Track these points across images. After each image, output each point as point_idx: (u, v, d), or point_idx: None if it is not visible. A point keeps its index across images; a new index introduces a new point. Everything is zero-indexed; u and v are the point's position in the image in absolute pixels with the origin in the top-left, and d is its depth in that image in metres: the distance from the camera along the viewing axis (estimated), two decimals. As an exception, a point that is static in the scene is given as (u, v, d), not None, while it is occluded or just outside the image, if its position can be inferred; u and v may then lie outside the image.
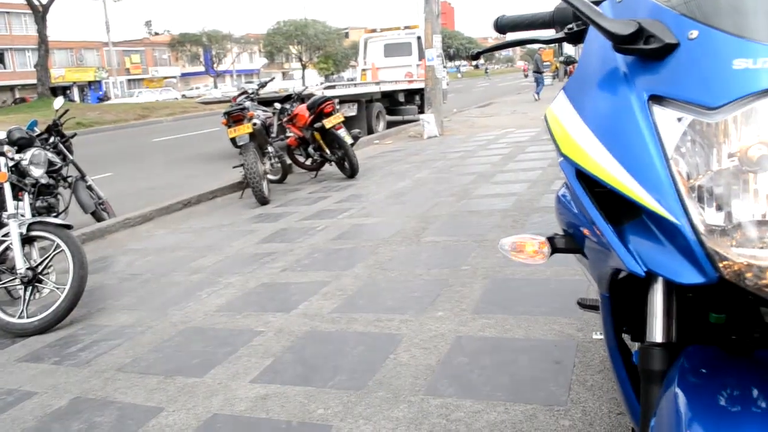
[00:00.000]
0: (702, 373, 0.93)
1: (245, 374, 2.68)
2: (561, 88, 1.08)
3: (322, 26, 50.70)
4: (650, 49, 0.86)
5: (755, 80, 0.77)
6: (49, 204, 4.95)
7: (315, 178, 8.24)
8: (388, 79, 15.03)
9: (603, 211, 0.95)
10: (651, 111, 0.86)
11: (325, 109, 7.51)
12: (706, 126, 0.80)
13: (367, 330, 2.98)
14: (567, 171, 0.99)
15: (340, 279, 3.79)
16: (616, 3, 1.00)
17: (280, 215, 6.07)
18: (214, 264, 4.57)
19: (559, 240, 1.14)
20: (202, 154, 12.63)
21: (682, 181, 0.82)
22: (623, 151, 0.88)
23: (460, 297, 3.23)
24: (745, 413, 0.82)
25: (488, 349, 2.63)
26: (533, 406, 2.16)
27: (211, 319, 3.41)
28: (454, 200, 5.72)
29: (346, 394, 2.40)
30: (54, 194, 5.15)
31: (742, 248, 0.79)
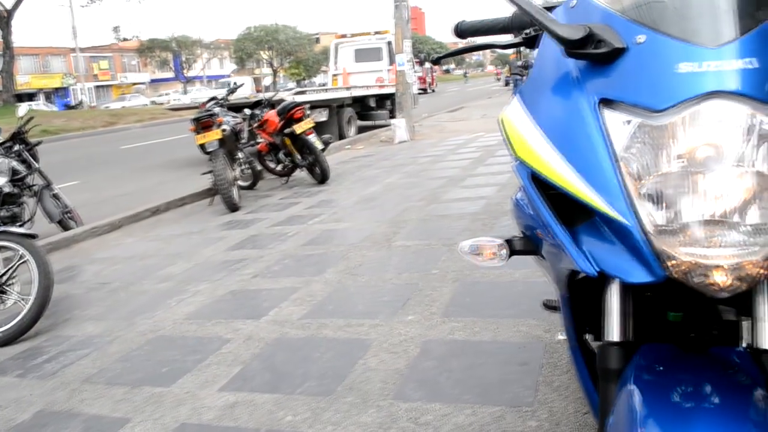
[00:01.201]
0: (657, 371, 0.95)
1: (213, 382, 2.67)
2: (514, 92, 1.10)
3: (292, 31, 50.57)
4: (599, 53, 0.88)
5: (699, 83, 0.79)
6: (13, 213, 4.88)
7: (286, 183, 8.21)
8: (359, 84, 15.05)
9: (557, 213, 0.97)
10: (601, 114, 0.88)
11: (295, 114, 7.49)
12: (652, 128, 0.82)
13: (336, 335, 2.98)
14: (522, 174, 1.01)
15: (310, 285, 3.78)
16: (570, 8, 1.02)
17: (250, 222, 6.04)
18: (184, 272, 4.52)
19: (517, 242, 1.15)
20: (171, 160, 12.51)
21: (631, 183, 0.84)
22: (575, 155, 0.90)
23: (430, 301, 3.25)
24: (698, 409, 0.84)
25: (457, 352, 2.64)
26: (500, 408, 2.18)
27: (180, 328, 3.38)
28: (424, 204, 5.74)
29: (314, 400, 2.40)
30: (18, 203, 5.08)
31: (689, 247, 0.81)
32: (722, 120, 0.78)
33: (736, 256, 0.80)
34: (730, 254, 0.80)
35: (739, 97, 0.78)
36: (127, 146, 16.60)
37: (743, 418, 0.81)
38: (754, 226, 0.79)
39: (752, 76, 0.78)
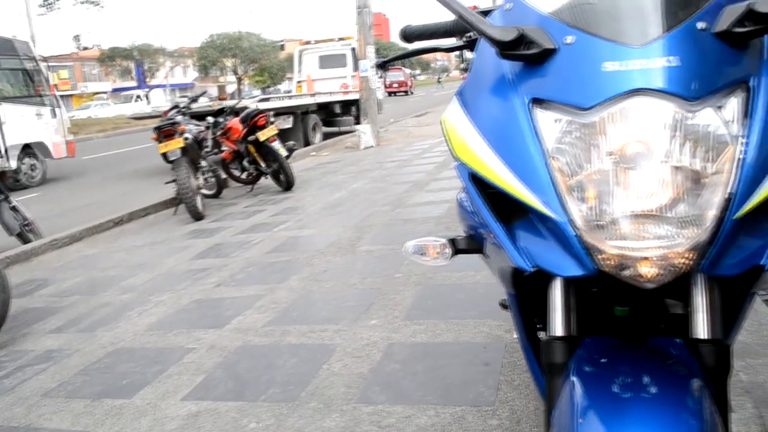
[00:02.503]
0: (598, 363, 0.97)
1: (175, 393, 2.64)
2: (454, 93, 1.12)
3: (256, 39, 50.24)
4: (531, 54, 0.90)
5: (624, 81, 0.82)
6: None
7: (251, 191, 8.17)
8: (324, 90, 15.04)
9: (497, 211, 0.99)
10: (533, 114, 0.90)
11: (258, 122, 7.46)
12: (580, 126, 0.85)
13: (300, 342, 2.97)
14: (462, 174, 1.03)
15: (274, 292, 3.77)
16: (505, 11, 1.05)
17: (214, 230, 5.99)
18: (146, 282, 4.47)
19: (461, 241, 1.17)
20: (135, 170, 12.35)
21: (562, 180, 0.86)
22: (509, 154, 0.92)
23: (393, 305, 3.26)
24: (636, 399, 0.86)
25: (420, 355, 2.66)
26: (462, 408, 2.20)
27: (142, 339, 3.34)
28: (389, 209, 5.76)
29: (278, 407, 2.39)
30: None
31: (618, 241, 0.84)
32: (647, 117, 0.81)
33: (662, 248, 0.83)
34: (656, 246, 0.83)
35: (663, 94, 0.80)
36: (88, 156, 16.33)
37: (679, 407, 0.84)
38: (680, 218, 0.82)
39: (675, 74, 0.81)
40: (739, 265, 0.87)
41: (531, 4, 0.98)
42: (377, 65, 1.67)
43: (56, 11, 22.14)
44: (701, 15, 0.84)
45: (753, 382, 2.11)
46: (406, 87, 43.18)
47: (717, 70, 0.83)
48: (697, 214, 0.82)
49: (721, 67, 0.83)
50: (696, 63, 0.82)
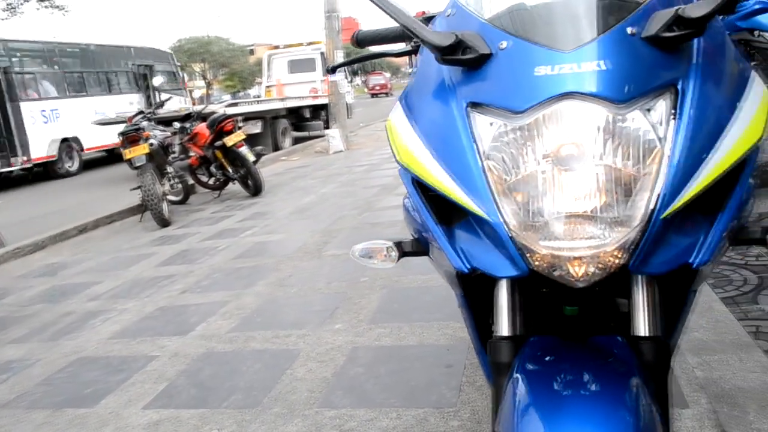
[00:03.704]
0: (542, 361, 0.99)
1: (138, 401, 2.62)
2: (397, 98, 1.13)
3: (226, 43, 49.89)
4: (468, 59, 0.92)
5: (555, 85, 0.84)
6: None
7: (219, 197, 8.11)
8: (293, 95, 14.99)
9: (440, 214, 1.00)
10: (469, 118, 0.92)
11: (225, 127, 7.42)
12: (513, 129, 0.86)
13: (264, 347, 2.96)
14: (404, 178, 1.04)
15: (240, 298, 3.75)
16: (446, 17, 1.07)
17: (181, 237, 5.94)
18: (111, 290, 4.42)
19: (407, 244, 1.18)
20: (102, 177, 12.18)
21: (496, 182, 0.88)
22: (447, 157, 0.94)
23: (358, 309, 3.27)
24: (575, 396, 0.88)
25: (384, 358, 2.67)
26: (425, 410, 2.22)
27: (105, 347, 3.30)
28: (357, 213, 5.77)
29: (240, 413, 2.38)
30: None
31: (549, 241, 0.86)
32: (577, 120, 0.83)
33: (591, 247, 0.85)
34: (585, 246, 0.85)
35: (593, 97, 0.83)
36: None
37: (618, 404, 0.85)
38: (611, 218, 0.84)
39: (605, 77, 0.83)
40: (668, 264, 0.89)
41: (470, 11, 1.00)
42: (328, 70, 1.68)
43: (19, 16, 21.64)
44: (631, 20, 0.87)
45: (708, 379, 2.15)
46: (387, 89, 49.12)
47: (646, 73, 0.85)
48: (626, 214, 0.84)
49: (650, 70, 0.86)
50: (625, 67, 0.84)
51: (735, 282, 2.90)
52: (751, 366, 2.17)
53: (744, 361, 2.21)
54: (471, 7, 1.00)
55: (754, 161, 0.92)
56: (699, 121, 0.85)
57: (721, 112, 0.88)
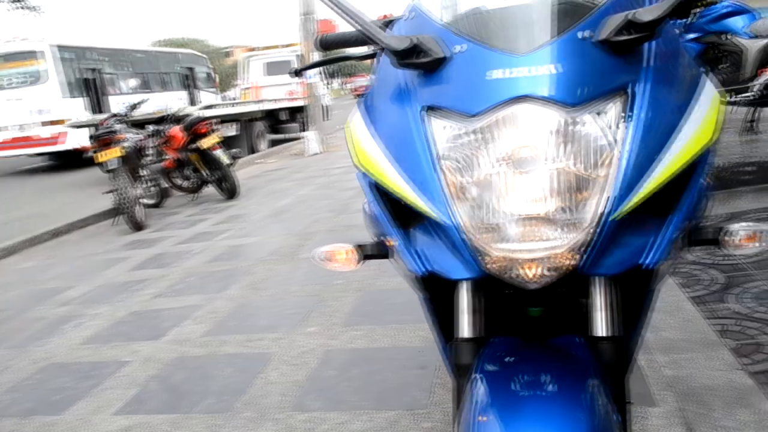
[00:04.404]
0: (501, 362, 0.99)
1: (108, 407, 2.59)
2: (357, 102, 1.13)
3: (202, 45, 49.68)
4: (423, 63, 0.92)
5: (508, 88, 0.85)
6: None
7: (194, 200, 8.05)
8: (270, 97, 14.94)
9: (400, 217, 1.01)
10: (425, 121, 0.92)
11: (200, 129, 7.38)
12: (467, 132, 0.87)
13: (237, 351, 2.95)
14: (362, 181, 1.04)
15: (213, 302, 3.73)
16: (406, 21, 1.07)
17: (155, 240, 5.88)
18: (83, 295, 4.36)
19: (368, 247, 1.19)
20: (76, 180, 12.02)
21: (451, 185, 0.89)
22: (404, 161, 0.94)
23: (332, 311, 3.26)
24: (533, 397, 0.89)
25: (356, 361, 2.67)
26: (396, 412, 2.22)
27: (75, 353, 3.26)
28: (333, 216, 5.76)
29: (212, 418, 2.37)
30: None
31: (503, 244, 0.87)
32: (530, 123, 0.84)
33: (543, 249, 0.86)
34: (538, 248, 0.86)
35: (545, 100, 0.84)
36: (27, 166, 15.84)
37: (575, 405, 0.86)
38: (564, 221, 0.85)
39: (557, 81, 0.84)
40: (619, 265, 0.90)
41: (429, 15, 1.00)
42: (292, 73, 1.67)
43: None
44: (584, 24, 0.88)
45: (676, 377, 2.18)
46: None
47: (598, 77, 0.86)
48: (578, 216, 0.85)
49: (603, 74, 0.87)
50: (577, 70, 0.85)
51: (703, 281, 2.94)
52: (717, 364, 2.20)
53: (711, 359, 2.25)
54: (430, 10, 1.01)
55: (707, 163, 0.94)
56: (650, 124, 0.86)
57: (673, 115, 0.89)
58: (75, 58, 12.14)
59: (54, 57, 11.41)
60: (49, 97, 11.11)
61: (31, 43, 12.36)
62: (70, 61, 11.85)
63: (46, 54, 11.40)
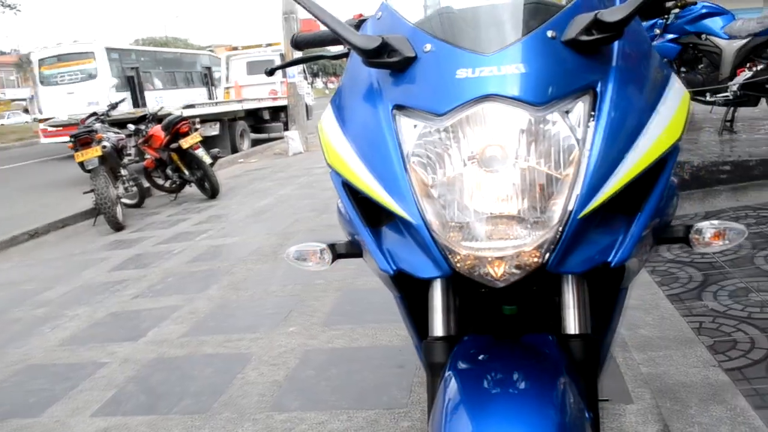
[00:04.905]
0: (473, 360, 1.00)
1: (85, 409, 2.56)
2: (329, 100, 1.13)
3: (184, 44, 49.36)
4: (392, 62, 0.92)
5: (474, 88, 0.85)
6: None
7: (175, 200, 8.00)
8: (252, 97, 14.89)
9: (371, 216, 1.01)
10: (395, 120, 0.92)
11: (181, 129, 7.32)
12: (435, 131, 0.87)
13: (216, 352, 2.93)
14: (334, 180, 1.04)
15: (193, 302, 3.71)
16: (377, 20, 1.07)
17: (135, 241, 5.84)
18: (61, 296, 4.32)
19: (341, 246, 1.19)
20: (54, 180, 11.89)
21: (418, 184, 0.89)
22: (373, 160, 0.94)
23: (312, 311, 3.26)
24: (503, 394, 0.89)
25: (336, 360, 2.66)
26: (375, 411, 2.22)
27: (53, 355, 3.22)
28: (314, 215, 5.75)
29: (190, 419, 2.35)
30: None
31: (470, 242, 0.87)
32: (497, 122, 0.84)
33: (511, 248, 0.86)
34: (505, 246, 0.86)
35: (512, 100, 0.84)
36: (4, 167, 15.64)
37: (545, 402, 0.87)
38: (531, 219, 0.85)
39: (524, 80, 0.84)
40: (586, 263, 0.90)
41: (399, 14, 1.00)
42: (266, 72, 1.66)
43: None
44: (552, 24, 0.88)
45: (652, 374, 2.20)
46: None
47: (565, 76, 0.86)
48: (546, 214, 0.85)
49: (569, 73, 0.87)
50: (544, 70, 0.85)
51: (681, 279, 2.97)
52: (693, 361, 2.23)
53: (687, 356, 2.27)
54: (400, 10, 1.01)
55: (674, 161, 0.94)
56: (617, 123, 0.86)
57: (640, 114, 0.89)
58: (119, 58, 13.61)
59: (104, 57, 12.84)
60: (99, 91, 12.32)
61: (85, 45, 13.92)
62: (116, 60, 13.38)
63: (97, 54, 12.80)
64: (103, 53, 12.90)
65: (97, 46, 13.28)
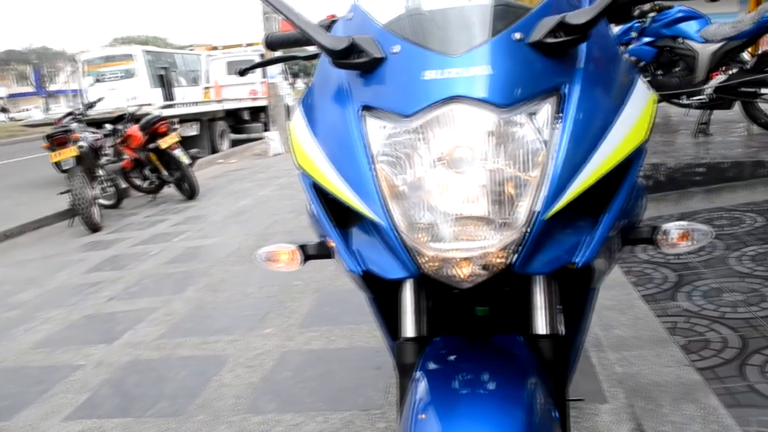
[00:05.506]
0: (443, 361, 1.00)
1: (58, 412, 2.53)
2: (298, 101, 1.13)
3: (163, 43, 48.96)
4: (360, 63, 0.92)
5: (441, 89, 0.85)
6: None
7: (153, 201, 7.93)
8: (231, 97, 14.82)
9: (341, 217, 1.01)
10: (362, 121, 0.92)
11: (159, 129, 7.27)
12: (402, 132, 0.87)
13: (192, 354, 2.91)
14: (303, 181, 1.04)
15: (169, 304, 3.68)
16: (347, 21, 1.07)
17: (111, 242, 5.78)
18: (35, 298, 4.26)
19: (311, 247, 1.19)
20: (30, 181, 11.73)
21: (386, 185, 0.89)
22: (341, 161, 0.94)
23: (289, 313, 3.25)
24: (472, 395, 0.89)
25: (313, 362, 2.66)
26: (351, 413, 2.22)
27: (26, 358, 3.18)
28: (293, 216, 5.73)
29: (165, 422, 2.33)
30: None
31: (437, 243, 0.87)
32: (463, 123, 0.84)
33: (477, 249, 0.86)
34: (471, 247, 0.86)
35: (478, 101, 0.84)
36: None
37: (513, 402, 0.87)
38: (497, 220, 0.86)
39: (491, 81, 0.85)
40: (551, 263, 0.91)
41: (368, 15, 1.00)
42: (238, 73, 1.65)
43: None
44: (518, 26, 0.89)
45: (626, 374, 2.22)
46: None
47: (531, 78, 0.87)
48: (512, 216, 0.86)
49: (535, 75, 0.88)
50: (510, 71, 0.86)
51: (655, 280, 3.00)
52: (666, 361, 2.25)
53: (661, 356, 2.29)
54: (370, 11, 1.01)
55: (640, 163, 0.95)
56: (582, 125, 0.87)
57: (605, 116, 0.90)
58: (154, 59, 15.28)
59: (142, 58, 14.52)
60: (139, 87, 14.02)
61: (126, 48, 16.20)
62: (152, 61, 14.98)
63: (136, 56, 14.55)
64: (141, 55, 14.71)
65: (136, 49, 15.20)
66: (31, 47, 50.69)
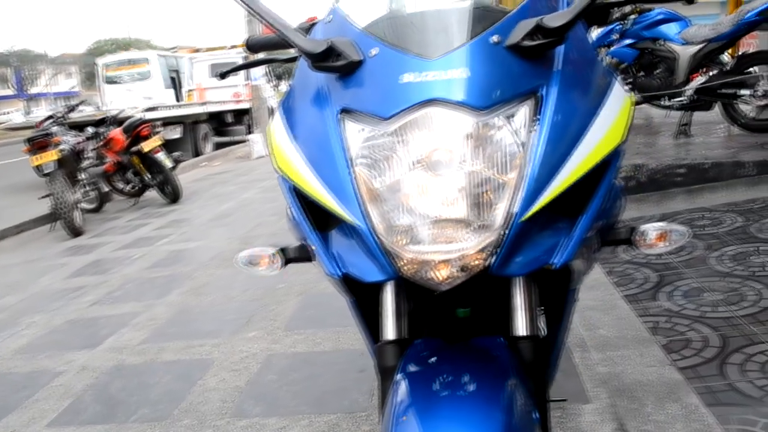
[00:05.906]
0: (423, 363, 1.00)
1: (41, 418, 2.51)
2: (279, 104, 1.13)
3: (147, 46, 48.62)
4: (339, 66, 0.92)
5: (418, 92, 0.86)
6: None
7: (136, 204, 7.88)
8: (215, 99, 14.75)
9: (319, 220, 1.01)
10: (341, 124, 0.93)
11: (141, 132, 7.23)
12: (380, 135, 0.88)
13: (176, 358, 2.89)
14: (283, 185, 1.04)
15: (153, 308, 3.66)
16: (326, 24, 1.07)
17: (93, 246, 5.74)
18: (17, 303, 4.22)
19: (292, 250, 1.19)
20: (11, 185, 11.60)
21: (364, 188, 0.89)
22: (320, 164, 0.95)
23: (274, 316, 3.24)
24: (451, 397, 0.90)
25: (298, 365, 2.65)
26: (336, 416, 2.22)
27: (8, 364, 3.15)
28: (277, 219, 5.72)
29: (149, 427, 2.32)
30: None
31: (415, 246, 0.88)
32: (441, 126, 0.85)
33: (454, 251, 0.87)
34: (449, 249, 0.87)
35: (455, 104, 0.85)
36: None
37: (494, 404, 0.88)
38: (475, 222, 0.86)
39: (467, 85, 0.85)
40: (529, 265, 0.92)
41: (347, 18, 1.01)
42: (219, 75, 1.65)
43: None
44: (496, 29, 0.90)
45: (610, 374, 2.24)
46: None
47: (508, 80, 0.88)
48: (490, 218, 0.86)
49: (513, 78, 0.88)
50: (488, 74, 0.86)
51: (637, 280, 3.02)
52: (649, 360, 2.27)
53: (643, 355, 2.31)
54: (349, 14, 1.02)
55: (617, 164, 0.97)
56: (559, 127, 0.88)
57: (582, 118, 0.91)
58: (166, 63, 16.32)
59: (156, 61, 15.66)
60: (154, 88, 15.07)
61: (141, 52, 17.76)
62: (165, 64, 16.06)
63: (151, 60, 15.74)
64: (156, 58, 15.86)
65: (151, 54, 16.51)
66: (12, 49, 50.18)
